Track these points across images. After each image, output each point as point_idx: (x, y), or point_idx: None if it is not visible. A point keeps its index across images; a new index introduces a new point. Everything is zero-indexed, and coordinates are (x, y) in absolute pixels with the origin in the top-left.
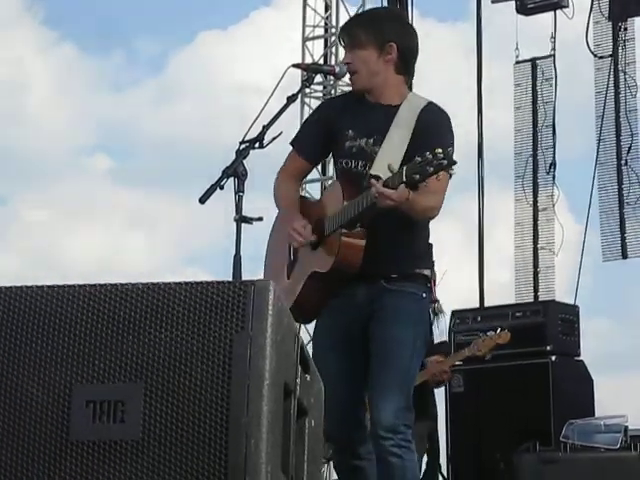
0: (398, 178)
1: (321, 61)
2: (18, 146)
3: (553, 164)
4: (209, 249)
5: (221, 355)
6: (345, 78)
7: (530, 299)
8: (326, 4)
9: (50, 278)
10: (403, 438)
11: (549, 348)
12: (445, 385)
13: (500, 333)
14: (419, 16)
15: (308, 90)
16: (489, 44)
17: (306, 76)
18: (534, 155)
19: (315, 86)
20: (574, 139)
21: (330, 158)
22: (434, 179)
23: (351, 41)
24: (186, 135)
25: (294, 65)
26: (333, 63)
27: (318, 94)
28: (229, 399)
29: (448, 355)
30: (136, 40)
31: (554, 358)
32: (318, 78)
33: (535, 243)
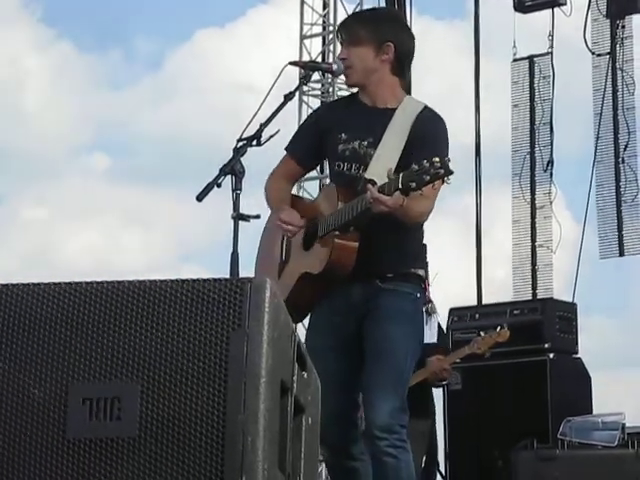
0: (394, 184)
1: (319, 59)
2: (15, 144)
3: (551, 162)
4: (206, 247)
5: (218, 352)
6: (343, 76)
7: (528, 297)
8: (324, 2)
9: (48, 276)
10: (398, 438)
11: (547, 346)
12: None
13: (500, 331)
14: (416, 14)
15: (306, 88)
16: (486, 42)
17: (304, 74)
18: (532, 153)
19: (313, 84)
20: (572, 137)
21: None
22: (429, 186)
23: (349, 37)
24: (183, 133)
25: (292, 63)
26: (331, 61)
27: (316, 92)
28: (226, 397)
29: (447, 353)
30: (134, 38)
31: (552, 356)
32: (316, 76)
33: (533, 241)
